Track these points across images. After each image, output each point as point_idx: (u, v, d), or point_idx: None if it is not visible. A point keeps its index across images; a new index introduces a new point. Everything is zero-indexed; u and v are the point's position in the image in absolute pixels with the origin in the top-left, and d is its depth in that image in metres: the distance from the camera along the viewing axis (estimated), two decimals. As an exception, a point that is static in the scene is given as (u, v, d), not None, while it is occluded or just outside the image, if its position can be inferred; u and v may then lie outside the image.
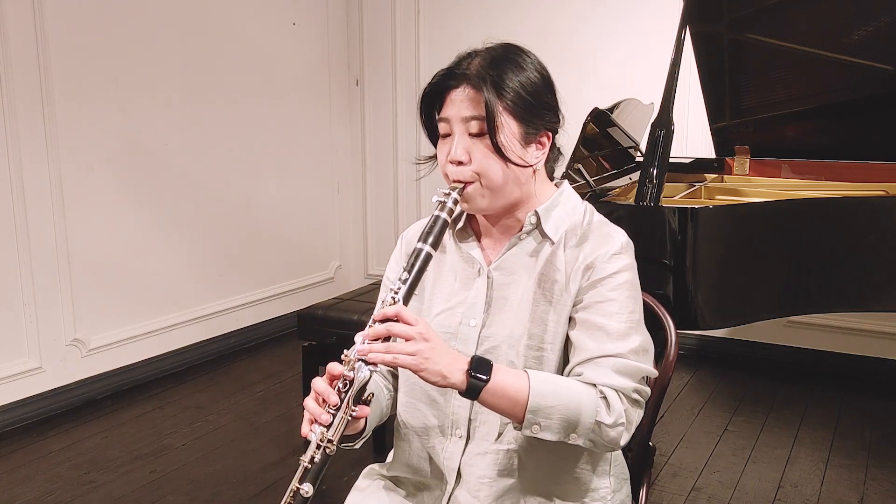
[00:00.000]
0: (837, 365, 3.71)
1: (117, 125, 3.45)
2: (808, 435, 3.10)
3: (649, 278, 2.29)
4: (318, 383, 1.18)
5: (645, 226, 2.34)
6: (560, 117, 1.34)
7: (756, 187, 2.97)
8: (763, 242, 2.41)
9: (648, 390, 1.29)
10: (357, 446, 1.33)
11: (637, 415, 1.26)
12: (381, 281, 1.52)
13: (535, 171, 1.32)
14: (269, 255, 4.33)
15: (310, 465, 1.15)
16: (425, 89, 1.30)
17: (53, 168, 3.21)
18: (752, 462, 2.89)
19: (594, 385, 1.23)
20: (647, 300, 1.55)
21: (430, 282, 1.38)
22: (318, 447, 1.15)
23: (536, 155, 1.30)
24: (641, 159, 2.84)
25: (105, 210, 3.44)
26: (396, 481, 1.45)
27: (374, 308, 1.23)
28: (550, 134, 1.32)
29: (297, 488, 1.15)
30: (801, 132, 3.13)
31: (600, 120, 2.83)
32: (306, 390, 2.99)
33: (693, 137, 3.74)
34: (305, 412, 1.19)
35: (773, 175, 3.18)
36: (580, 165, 2.65)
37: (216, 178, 3.96)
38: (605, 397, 1.23)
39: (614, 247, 1.29)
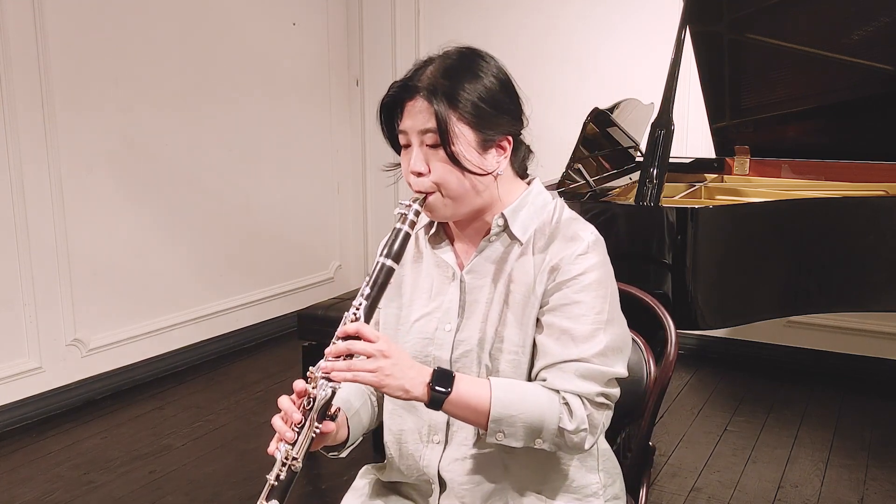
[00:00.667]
0: (837, 365, 3.71)
1: (117, 125, 3.45)
2: (808, 435, 3.10)
3: (649, 278, 2.32)
4: (284, 401, 1.22)
5: (645, 226, 2.34)
6: (523, 120, 1.33)
7: (756, 187, 2.97)
8: (763, 242, 2.41)
9: (617, 391, 1.28)
10: (343, 455, 1.36)
11: (605, 416, 1.27)
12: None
13: (496, 176, 1.30)
14: (269, 255, 4.33)
15: (276, 483, 1.17)
16: (382, 101, 1.30)
17: (53, 168, 3.21)
18: (752, 462, 2.89)
19: (557, 391, 1.24)
20: (647, 300, 1.55)
21: (408, 288, 1.39)
22: (284, 464, 1.17)
23: (497, 160, 1.29)
24: (641, 159, 2.84)
25: (105, 210, 3.44)
26: (391, 483, 1.46)
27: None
28: (511, 138, 1.30)
29: None
30: (802, 132, 3.13)
31: (600, 120, 2.83)
32: (306, 390, 3.00)
33: (693, 137, 3.74)
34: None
35: (773, 175, 3.18)
36: (580, 165, 2.65)
37: (216, 178, 3.96)
38: (567, 403, 1.23)
39: (580, 246, 1.27)
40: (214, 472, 2.83)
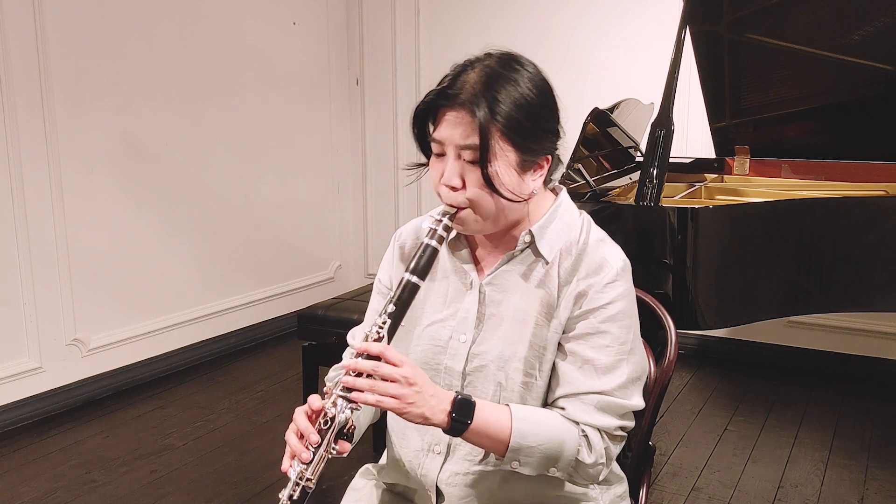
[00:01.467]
0: (837, 365, 3.71)
1: (117, 125, 3.45)
2: (808, 435, 3.10)
3: (649, 278, 2.32)
4: (301, 419, 1.16)
5: (645, 226, 2.34)
6: (561, 133, 1.27)
7: (756, 187, 2.97)
8: (763, 242, 2.41)
9: (632, 423, 1.27)
10: (345, 454, 1.34)
11: (618, 448, 1.26)
12: (373, 288, 1.50)
13: (530, 197, 1.25)
14: (269, 255, 4.33)
15: (288, 502, 1.15)
16: (417, 107, 1.23)
17: (53, 168, 3.21)
18: (752, 462, 2.89)
19: (576, 423, 1.22)
20: (647, 300, 1.55)
21: (421, 293, 1.35)
22: (297, 484, 1.15)
23: (534, 178, 1.24)
24: (641, 159, 2.84)
25: (105, 210, 3.44)
26: (390, 484, 1.45)
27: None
28: (550, 157, 1.26)
29: None
30: (802, 132, 3.13)
31: (600, 120, 2.83)
32: (306, 390, 3.00)
33: (693, 137, 3.74)
34: (287, 446, 1.18)
35: (773, 175, 3.18)
36: (580, 165, 2.65)
37: (216, 178, 3.96)
38: (586, 436, 1.22)
39: (609, 274, 1.24)
40: (215, 471, 2.83)
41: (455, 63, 1.25)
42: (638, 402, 1.26)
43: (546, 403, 1.28)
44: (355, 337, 1.44)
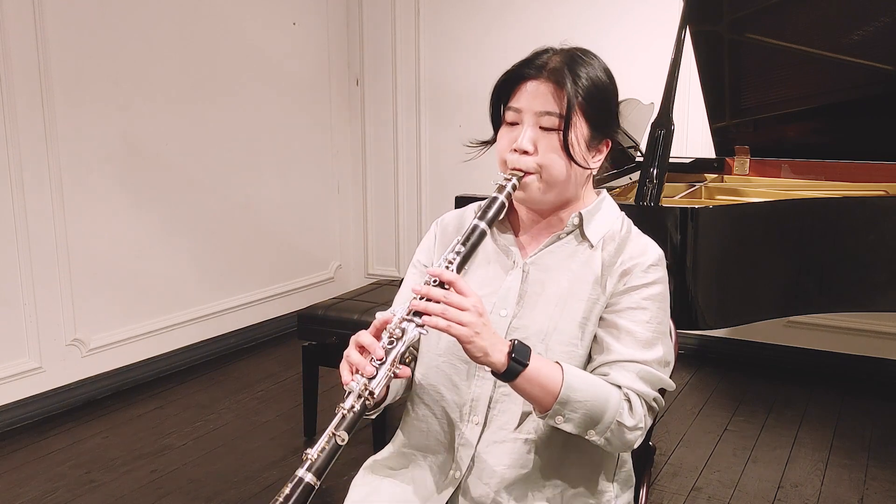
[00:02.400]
0: (837, 365, 3.71)
1: (117, 125, 3.45)
2: (808, 435, 3.10)
3: (649, 278, 2.31)
4: (364, 336, 1.19)
5: (645, 226, 2.34)
6: (621, 127, 1.38)
7: (756, 187, 2.97)
8: (763, 243, 2.41)
9: (663, 402, 1.32)
10: (372, 417, 1.33)
11: (650, 421, 1.30)
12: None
13: (588, 176, 1.35)
14: (269, 255, 4.33)
15: (349, 414, 1.14)
16: (502, 77, 1.32)
17: (53, 168, 3.21)
18: (752, 462, 2.89)
19: (619, 387, 1.26)
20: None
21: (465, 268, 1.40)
22: (360, 397, 1.14)
23: (597, 158, 1.34)
24: (641, 159, 2.84)
25: (105, 210, 3.44)
26: (398, 469, 1.43)
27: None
28: (609, 142, 1.35)
29: (334, 434, 1.13)
30: (801, 132, 3.13)
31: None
32: (306, 390, 3.00)
33: (693, 137, 3.74)
34: (344, 362, 1.19)
35: (773, 175, 3.18)
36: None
37: (216, 178, 3.96)
38: (628, 400, 1.26)
39: (652, 258, 1.32)
40: (215, 471, 2.83)
41: (535, 48, 1.34)
42: (670, 381, 1.32)
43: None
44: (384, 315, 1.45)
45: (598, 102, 1.29)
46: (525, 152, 1.28)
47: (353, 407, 1.14)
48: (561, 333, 1.30)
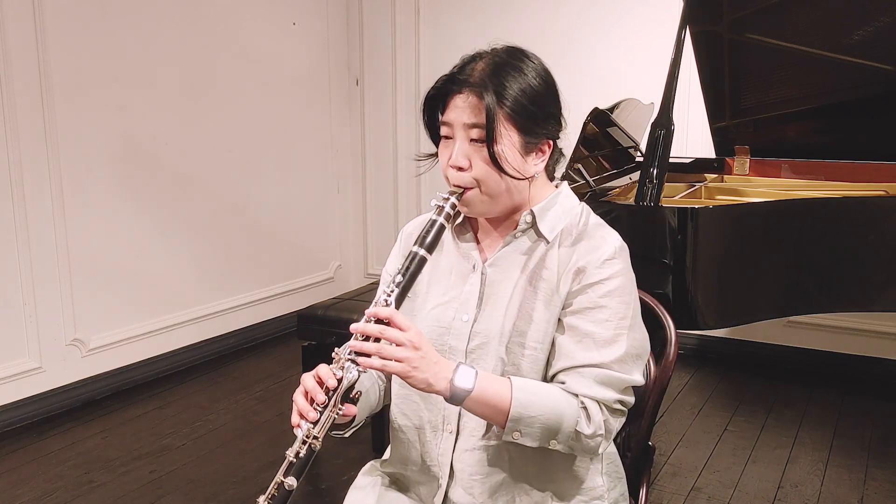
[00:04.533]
0: (837, 365, 3.71)
1: (117, 125, 3.45)
2: (808, 435, 3.10)
3: (649, 278, 2.31)
4: (308, 380, 1.21)
5: (645, 226, 2.34)
6: (563, 123, 1.34)
7: (756, 187, 2.97)
8: (763, 243, 2.41)
9: (632, 399, 1.29)
10: (347, 435, 1.35)
11: (618, 423, 1.28)
12: (380, 281, 1.52)
13: (532, 179, 1.32)
14: (269, 255, 4.33)
15: (294, 460, 1.18)
16: (428, 92, 1.31)
17: (53, 168, 3.21)
18: (752, 462, 2.89)
19: (576, 395, 1.25)
20: (647, 300, 1.55)
21: (426, 276, 1.39)
22: (304, 442, 1.18)
23: (536, 162, 1.31)
24: (641, 159, 2.84)
25: (105, 210, 3.44)
26: (394, 477, 1.46)
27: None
28: (552, 141, 1.33)
29: (282, 481, 1.17)
30: (802, 132, 3.13)
31: (600, 120, 2.83)
32: (306, 390, 3.00)
33: (693, 137, 3.74)
34: (293, 404, 1.22)
35: (773, 175, 3.18)
36: (580, 165, 2.65)
37: (216, 178, 3.96)
38: (585, 408, 1.24)
39: (607, 251, 1.28)
40: (214, 471, 2.83)
41: (463, 55, 1.32)
42: (637, 377, 1.29)
43: (546, 379, 1.30)
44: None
45: (526, 108, 1.25)
46: (460, 168, 1.27)
47: (298, 453, 1.18)
48: (520, 335, 1.29)
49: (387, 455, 1.49)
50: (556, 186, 1.38)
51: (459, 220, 1.39)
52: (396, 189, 4.75)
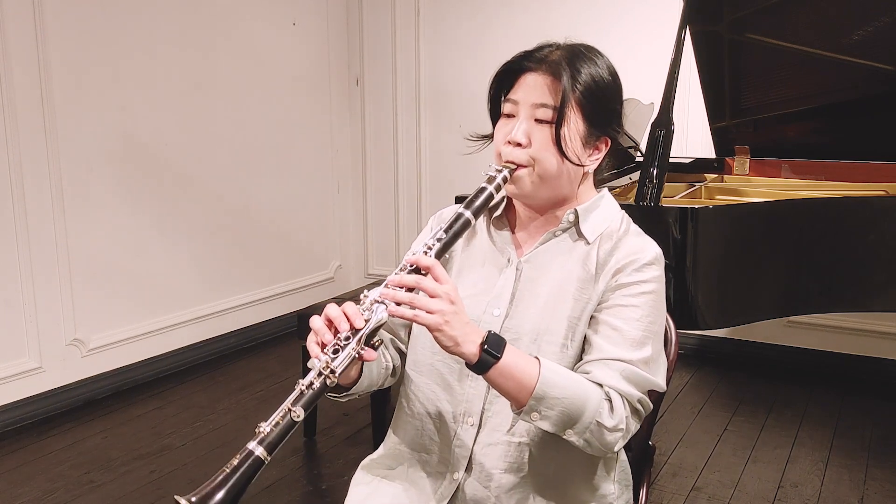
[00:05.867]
0: (837, 365, 3.71)
1: (117, 125, 3.45)
2: (808, 435, 3.10)
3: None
4: (333, 309, 1.15)
5: (645, 226, 2.33)
6: (623, 124, 1.35)
7: (756, 187, 2.97)
8: (763, 243, 2.41)
9: (650, 405, 1.28)
10: (343, 400, 1.32)
11: (635, 425, 1.25)
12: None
13: (585, 174, 1.32)
14: (269, 255, 4.33)
15: (306, 390, 1.12)
16: (501, 67, 1.31)
17: (53, 168, 3.21)
18: (752, 462, 2.89)
19: (601, 385, 1.22)
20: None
21: (457, 264, 1.38)
22: (320, 374, 1.12)
23: (593, 158, 1.31)
24: (641, 159, 2.84)
25: (105, 210, 3.44)
26: (393, 466, 1.42)
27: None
28: (609, 141, 1.33)
29: (290, 409, 1.12)
30: (802, 132, 3.13)
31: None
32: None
33: (693, 137, 3.74)
34: (311, 335, 1.16)
35: (773, 175, 3.18)
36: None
37: (216, 178, 3.96)
38: (609, 399, 1.21)
39: (648, 256, 1.29)
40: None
41: (539, 41, 1.33)
42: (661, 381, 1.29)
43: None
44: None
45: (597, 99, 1.27)
46: (518, 144, 1.26)
47: (311, 384, 1.11)
48: (552, 334, 1.27)
49: (381, 450, 1.46)
50: (599, 192, 1.38)
51: (498, 212, 1.38)
52: (397, 189, 4.75)
